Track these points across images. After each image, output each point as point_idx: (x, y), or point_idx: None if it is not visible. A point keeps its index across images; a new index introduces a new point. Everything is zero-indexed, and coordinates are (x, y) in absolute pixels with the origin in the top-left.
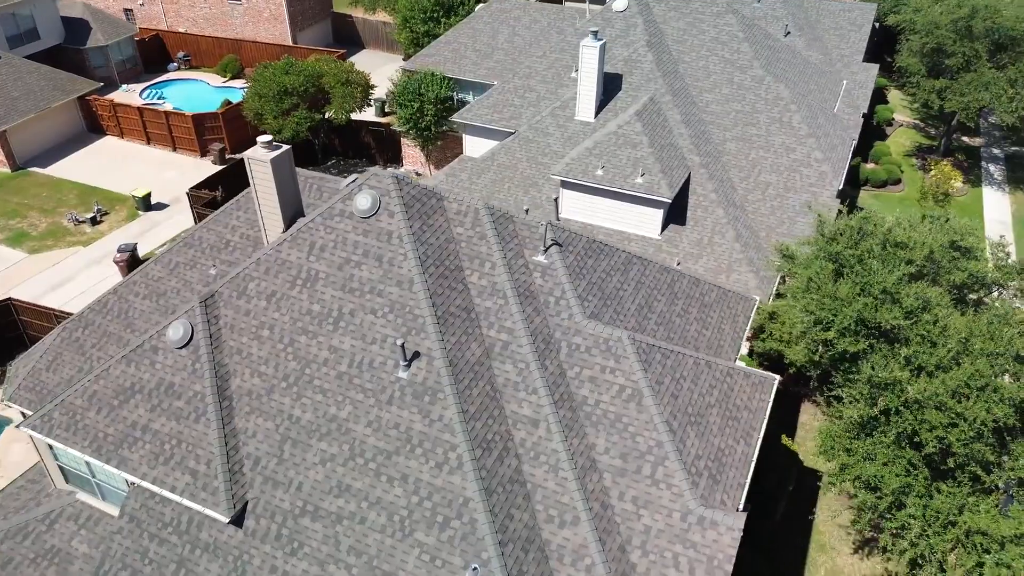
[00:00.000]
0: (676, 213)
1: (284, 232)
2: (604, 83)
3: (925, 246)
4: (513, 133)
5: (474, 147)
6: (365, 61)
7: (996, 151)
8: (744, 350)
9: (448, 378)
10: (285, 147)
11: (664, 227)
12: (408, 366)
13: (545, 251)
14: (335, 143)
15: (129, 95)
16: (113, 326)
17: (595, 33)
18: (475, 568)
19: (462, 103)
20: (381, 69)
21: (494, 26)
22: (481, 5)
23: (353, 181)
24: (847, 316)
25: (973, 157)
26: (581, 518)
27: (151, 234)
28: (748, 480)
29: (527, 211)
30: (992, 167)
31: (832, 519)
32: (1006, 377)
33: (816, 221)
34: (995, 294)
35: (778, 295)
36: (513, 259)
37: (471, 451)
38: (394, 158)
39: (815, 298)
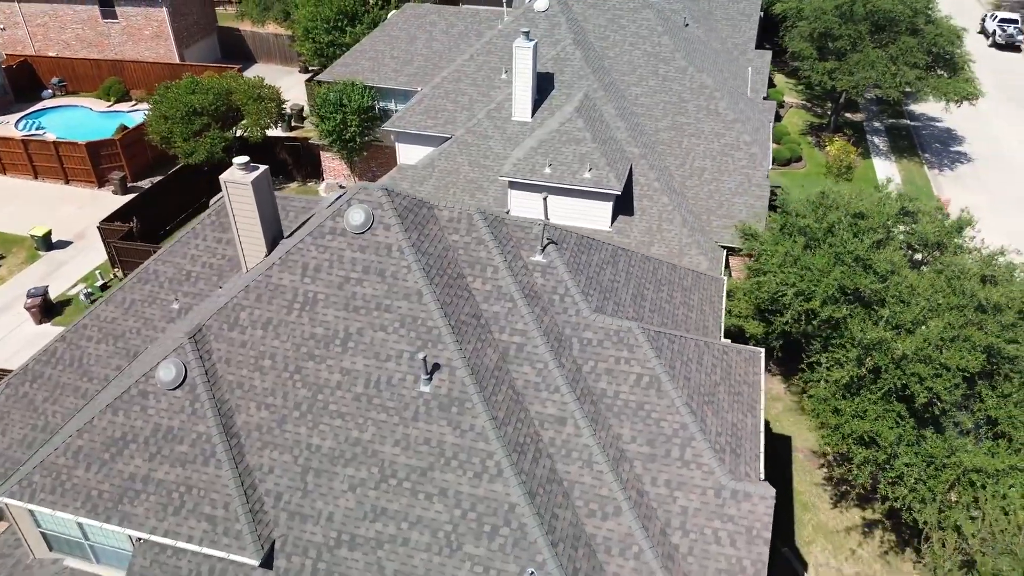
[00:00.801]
0: (624, 204)
1: (266, 256)
2: (537, 82)
3: (883, 215)
4: (450, 138)
5: (409, 155)
6: (260, 75)
7: (877, 124)
8: None
9: (473, 386)
10: (263, 167)
11: (614, 219)
12: (430, 379)
13: (543, 250)
14: None
15: (4, 127)
16: (67, 376)
17: (527, 34)
18: (532, 572)
19: (385, 112)
20: (279, 83)
21: (411, 32)
22: (394, 12)
23: (339, 197)
24: (829, 285)
25: (858, 131)
26: (622, 508)
27: (59, 274)
28: (762, 450)
29: (508, 212)
30: (876, 139)
31: (809, 481)
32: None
33: (780, 199)
34: (938, 252)
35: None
36: (513, 261)
37: (508, 456)
38: (314, 173)
39: (793, 271)
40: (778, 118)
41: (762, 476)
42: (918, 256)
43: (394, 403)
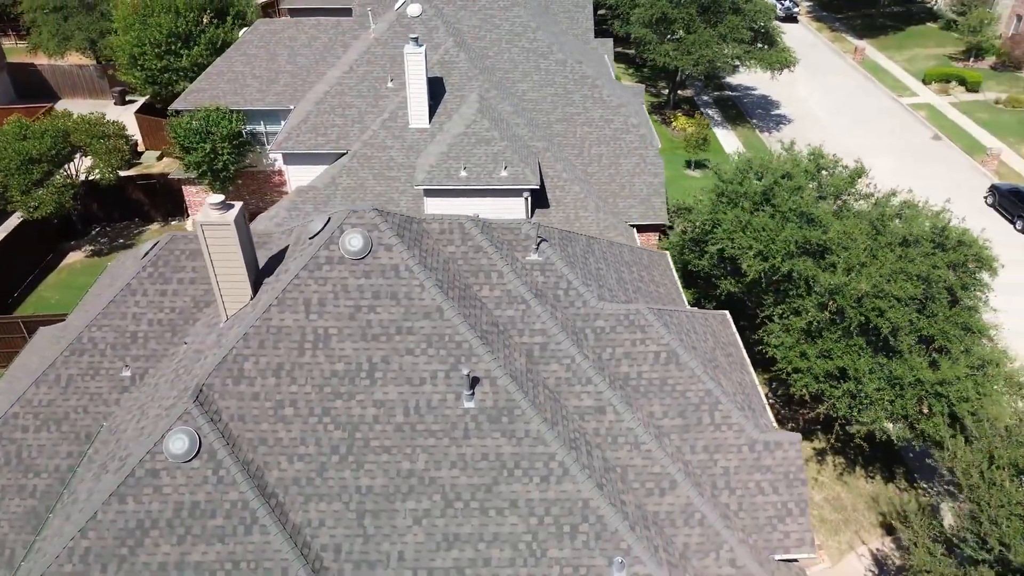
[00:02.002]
0: (538, 198)
1: (252, 299)
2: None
3: (807, 173)
4: (345, 153)
5: (300, 176)
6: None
7: (705, 98)
8: None
9: (519, 393)
10: (237, 204)
11: (532, 214)
12: (472, 395)
13: (537, 249)
14: (92, 208)
15: None
16: (5, 476)
17: (415, 39)
18: (620, 561)
19: (254, 136)
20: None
21: (270, 49)
22: (247, 30)
23: (324, 226)
24: (786, 241)
25: (692, 106)
26: (677, 481)
27: None
28: (766, 402)
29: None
30: (710, 111)
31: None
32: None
33: (712, 172)
34: (844, 198)
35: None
36: (513, 264)
37: (569, 454)
38: (176, 210)
39: (748, 234)
40: None
41: (774, 425)
42: (830, 205)
43: (440, 425)
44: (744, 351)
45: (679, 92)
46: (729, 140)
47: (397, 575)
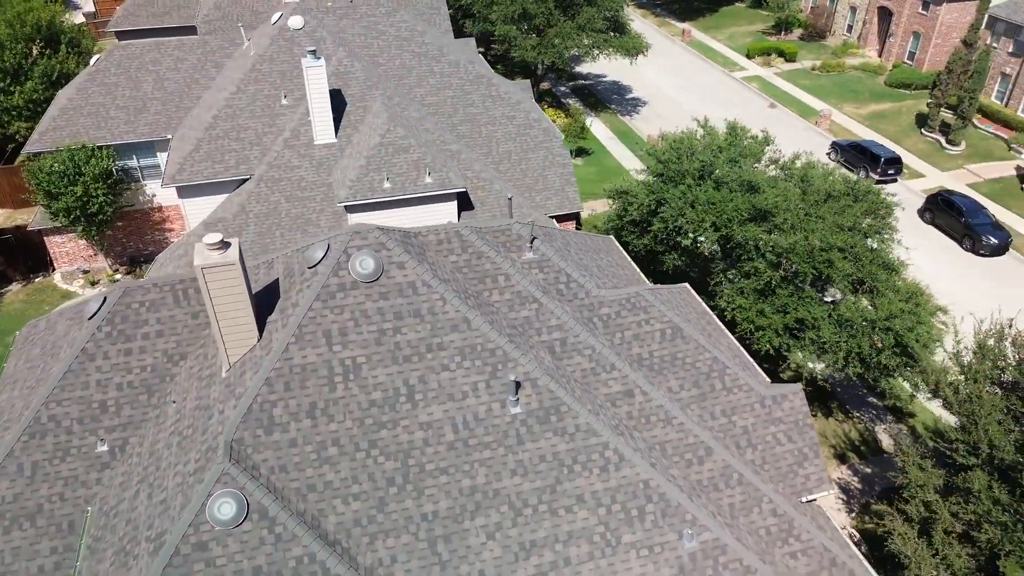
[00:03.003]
0: (463, 201)
1: (259, 340)
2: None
3: (736, 145)
4: (248, 178)
5: (198, 209)
6: None
7: (563, 88)
8: None
9: (561, 390)
10: (234, 240)
11: (459, 217)
12: (517, 400)
13: (531, 247)
14: None
15: None
16: None
17: (313, 52)
18: (689, 532)
19: (127, 172)
20: None
21: (132, 75)
22: (100, 56)
23: (323, 256)
24: (739, 209)
25: (554, 97)
26: (712, 447)
27: None
28: (751, 359)
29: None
30: (570, 102)
31: None
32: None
33: (647, 153)
34: (756, 165)
35: None
36: (515, 265)
37: (620, 439)
38: (38, 265)
39: (698, 209)
40: None
41: (767, 380)
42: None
43: (492, 436)
44: (716, 318)
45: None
46: (597, 127)
47: None
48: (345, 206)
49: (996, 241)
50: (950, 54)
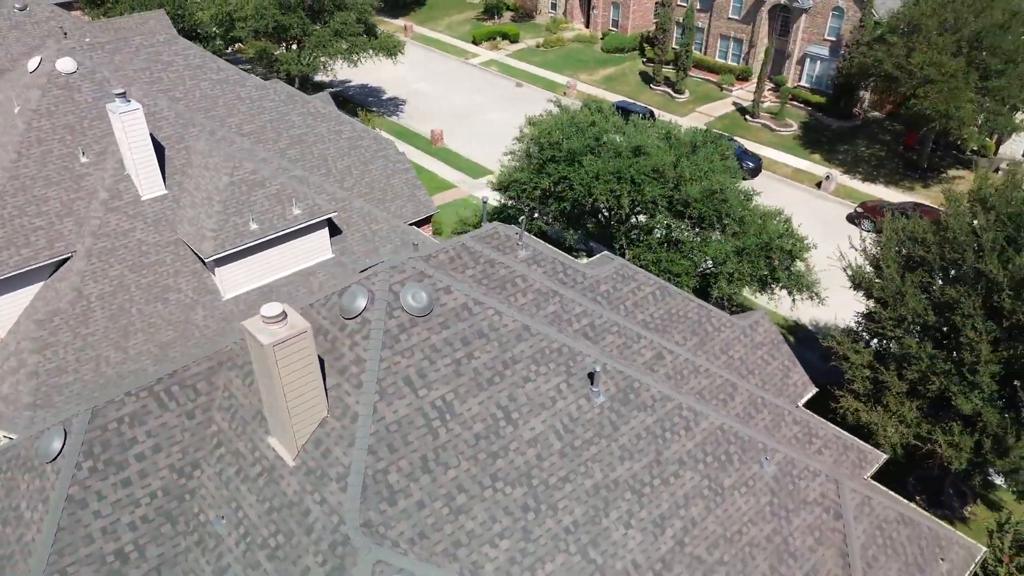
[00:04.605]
0: (331, 227)
1: (328, 409)
2: None
3: (606, 118)
4: (70, 257)
5: (6, 307)
6: None
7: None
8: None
9: (629, 368)
10: (284, 305)
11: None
12: (598, 391)
13: (520, 242)
14: None
15: None
16: None
17: (123, 95)
18: (765, 459)
19: None
20: None
21: None
22: None
23: (370, 299)
24: (642, 171)
25: None
26: (736, 383)
27: None
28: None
29: (223, 297)
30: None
31: None
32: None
33: (529, 132)
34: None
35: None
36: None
37: (688, 397)
38: None
39: (602, 181)
40: None
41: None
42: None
43: (591, 431)
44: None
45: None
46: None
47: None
48: (213, 261)
49: (753, 164)
50: (654, 17)
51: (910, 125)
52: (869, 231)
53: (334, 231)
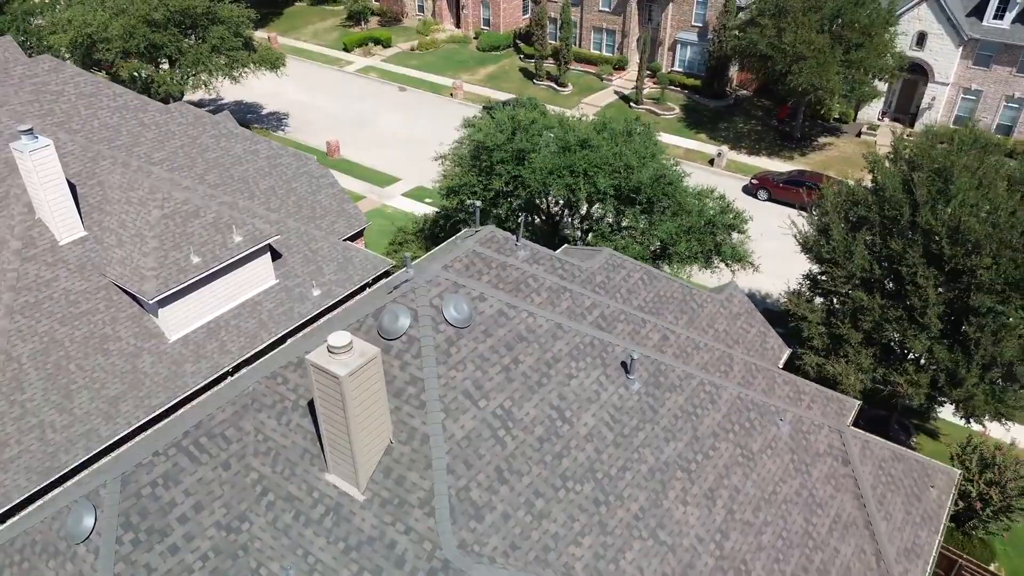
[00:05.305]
0: (271, 252)
1: (392, 434)
2: None
3: (544, 116)
4: None
5: None
6: None
7: None
8: None
9: (655, 352)
10: (347, 334)
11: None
12: (633, 379)
13: (518, 245)
14: None
15: None
16: None
17: (30, 132)
18: (781, 419)
19: None
20: None
21: None
22: None
23: (413, 318)
24: (592, 163)
25: None
26: (732, 355)
27: None
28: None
29: (170, 340)
30: None
31: None
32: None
33: (468, 134)
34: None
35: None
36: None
37: (700, 372)
38: None
39: (558, 176)
40: None
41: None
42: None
43: (636, 418)
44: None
45: None
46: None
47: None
48: (158, 302)
49: None
50: (523, 15)
51: (781, 100)
52: (765, 200)
53: (274, 256)
